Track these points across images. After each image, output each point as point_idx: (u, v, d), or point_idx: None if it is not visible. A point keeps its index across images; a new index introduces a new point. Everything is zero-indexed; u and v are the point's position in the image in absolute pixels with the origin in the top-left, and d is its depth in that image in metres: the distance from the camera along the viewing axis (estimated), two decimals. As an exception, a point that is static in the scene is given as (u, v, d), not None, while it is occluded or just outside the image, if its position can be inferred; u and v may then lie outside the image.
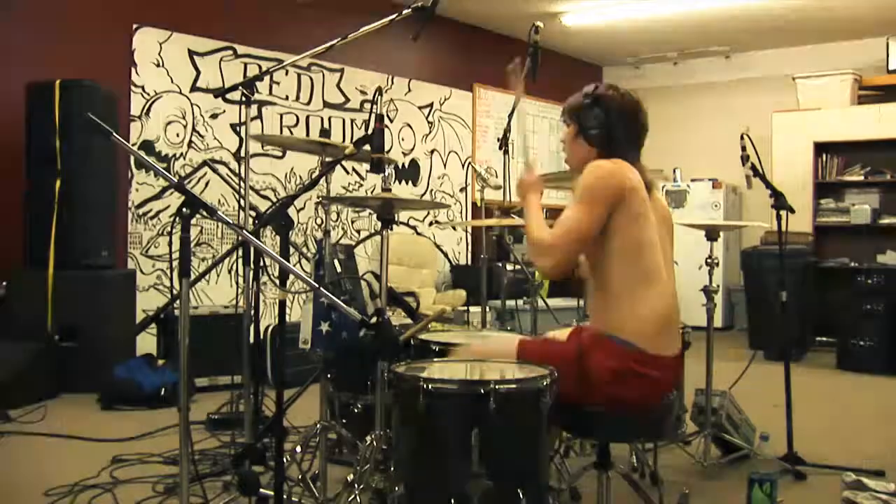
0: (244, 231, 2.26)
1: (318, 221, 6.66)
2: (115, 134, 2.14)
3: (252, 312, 3.06)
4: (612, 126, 2.43)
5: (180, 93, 5.81)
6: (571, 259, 2.32)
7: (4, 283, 4.70)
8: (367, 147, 2.47)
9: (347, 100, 6.95)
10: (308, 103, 6.66)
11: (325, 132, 3.29)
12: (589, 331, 2.44)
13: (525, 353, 2.40)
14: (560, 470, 3.02)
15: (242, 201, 3.16)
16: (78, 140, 4.70)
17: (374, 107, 2.55)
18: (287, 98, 6.50)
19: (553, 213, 2.51)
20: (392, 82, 7.33)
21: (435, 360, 2.54)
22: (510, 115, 3.61)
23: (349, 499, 2.49)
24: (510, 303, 4.29)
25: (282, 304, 2.25)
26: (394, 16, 2.77)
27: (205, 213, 2.10)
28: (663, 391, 2.36)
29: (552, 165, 8.96)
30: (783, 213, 3.46)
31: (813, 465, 3.40)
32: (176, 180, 2.15)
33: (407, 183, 7.52)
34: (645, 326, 2.28)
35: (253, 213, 3.59)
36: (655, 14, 7.52)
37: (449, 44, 7.82)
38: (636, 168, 2.40)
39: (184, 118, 5.82)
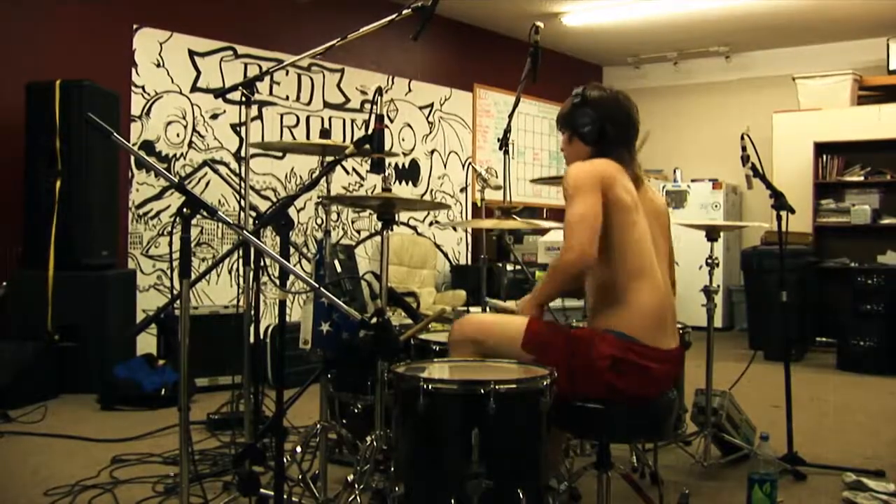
0: (244, 231, 2.26)
1: (319, 221, 6.66)
2: (115, 134, 2.14)
3: (252, 312, 3.06)
4: (602, 122, 2.46)
5: (180, 93, 5.81)
6: (589, 243, 2.26)
7: (4, 283, 4.70)
8: (367, 146, 2.47)
9: (348, 100, 6.95)
10: (308, 103, 6.66)
11: (325, 132, 3.28)
12: (586, 328, 2.45)
13: (532, 330, 2.39)
14: (560, 470, 3.02)
15: (243, 201, 3.16)
16: (78, 140, 4.70)
17: (375, 107, 2.55)
18: (287, 98, 6.50)
19: (553, 213, 2.53)
20: (392, 82, 7.33)
21: (435, 360, 2.54)
22: (510, 115, 3.61)
23: (349, 499, 2.49)
24: (511, 303, 4.28)
25: (282, 305, 2.25)
26: (394, 16, 2.76)
27: (205, 214, 2.10)
28: (662, 384, 2.38)
29: (552, 166, 8.96)
30: (783, 213, 3.46)
31: (813, 465, 3.40)
32: (176, 180, 2.15)
33: (407, 183, 7.52)
34: (639, 319, 2.31)
35: (253, 213, 3.59)
36: (655, 14, 7.51)
37: (449, 44, 7.82)
38: (627, 165, 2.43)
39: (184, 118, 5.82)
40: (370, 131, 2.48)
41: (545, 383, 2.09)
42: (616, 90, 2.54)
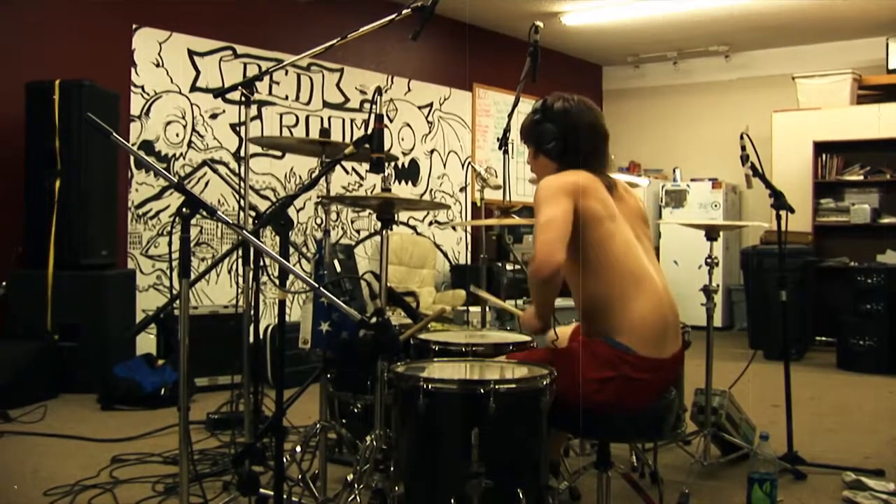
0: (244, 231, 2.26)
1: (318, 221, 6.66)
2: (114, 134, 2.14)
3: (252, 312, 3.06)
4: (566, 136, 2.41)
5: (180, 93, 5.81)
6: (552, 246, 2.19)
7: (4, 283, 4.70)
8: (367, 146, 2.47)
9: (347, 100, 6.95)
10: (308, 103, 6.66)
11: (324, 132, 3.28)
12: (575, 343, 2.42)
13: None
14: (560, 470, 3.01)
15: (242, 201, 3.16)
16: (78, 140, 4.70)
17: (374, 107, 2.54)
18: (287, 98, 6.50)
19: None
20: (392, 82, 7.33)
21: (435, 360, 2.54)
22: (510, 115, 3.61)
23: (349, 499, 2.49)
24: (510, 303, 4.29)
25: (282, 304, 2.25)
26: (394, 16, 2.76)
27: (205, 213, 2.10)
28: (659, 392, 2.34)
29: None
30: (783, 212, 3.46)
31: (813, 464, 3.40)
32: (176, 180, 2.15)
33: (407, 183, 7.52)
34: (640, 329, 2.25)
35: (253, 213, 3.58)
36: (655, 14, 7.51)
37: (448, 43, 7.82)
38: (598, 174, 2.36)
39: (183, 118, 5.82)
40: (370, 131, 2.48)
41: (545, 383, 2.09)
42: (578, 98, 2.45)
